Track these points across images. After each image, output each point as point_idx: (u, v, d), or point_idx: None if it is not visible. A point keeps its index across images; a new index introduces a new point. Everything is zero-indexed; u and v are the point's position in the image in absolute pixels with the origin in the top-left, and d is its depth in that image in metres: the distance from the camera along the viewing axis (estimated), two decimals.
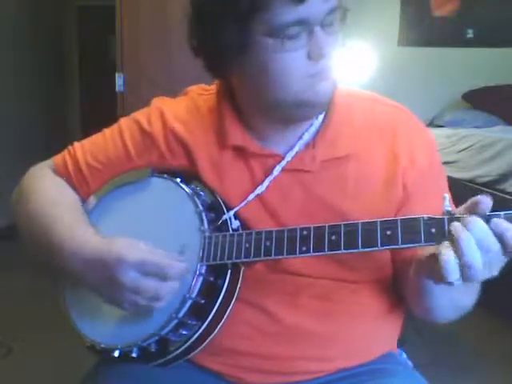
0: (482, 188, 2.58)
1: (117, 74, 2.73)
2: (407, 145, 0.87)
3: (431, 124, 3.62)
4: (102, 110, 3.22)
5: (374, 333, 0.89)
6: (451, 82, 3.65)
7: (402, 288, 0.89)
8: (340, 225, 0.74)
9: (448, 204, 0.69)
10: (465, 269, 0.64)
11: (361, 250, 0.72)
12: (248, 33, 0.76)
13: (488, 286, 0.75)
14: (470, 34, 3.74)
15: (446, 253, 0.65)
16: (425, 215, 0.69)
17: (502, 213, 0.66)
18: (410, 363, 0.98)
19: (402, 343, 0.99)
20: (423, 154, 0.87)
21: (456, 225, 0.66)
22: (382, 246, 0.71)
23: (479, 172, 2.64)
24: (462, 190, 0.67)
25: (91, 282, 0.83)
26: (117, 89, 2.74)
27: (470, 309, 0.85)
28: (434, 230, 0.68)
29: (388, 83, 3.50)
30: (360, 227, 0.73)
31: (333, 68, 0.80)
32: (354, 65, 3.59)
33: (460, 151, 2.86)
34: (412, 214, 0.71)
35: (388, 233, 0.70)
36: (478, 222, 0.65)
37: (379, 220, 0.72)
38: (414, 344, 2.16)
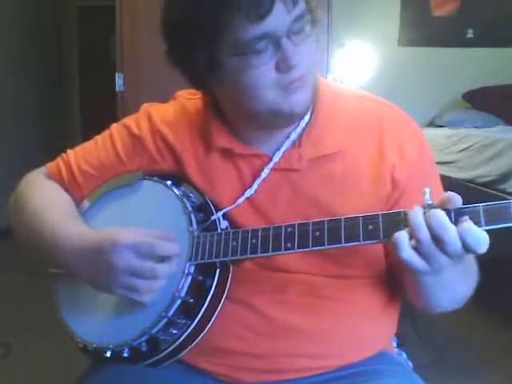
0: (482, 188, 2.58)
1: (117, 74, 2.72)
2: (395, 139, 0.87)
3: (431, 124, 3.62)
4: (102, 110, 3.21)
5: (366, 330, 0.88)
6: (451, 82, 3.65)
7: (398, 283, 0.89)
8: (324, 221, 0.75)
9: (429, 198, 0.69)
10: (416, 244, 0.67)
11: (344, 244, 0.73)
12: (215, 54, 0.77)
13: (489, 286, 0.75)
14: (469, 34, 3.74)
15: (400, 232, 0.68)
16: (405, 210, 0.70)
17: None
18: (410, 364, 0.98)
19: (402, 344, 0.99)
20: (412, 147, 0.87)
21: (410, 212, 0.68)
22: (364, 240, 0.72)
23: (479, 172, 2.63)
24: (462, 190, 0.67)
25: (87, 273, 0.84)
26: (117, 89, 2.73)
27: (467, 299, 0.85)
28: None
29: (388, 83, 3.51)
30: (343, 223, 0.74)
31: (306, 76, 0.79)
32: (354, 65, 3.59)
33: (460, 151, 2.85)
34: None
35: (370, 227, 0.72)
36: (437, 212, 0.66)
37: (361, 215, 0.73)
38: (415, 345, 2.16)
